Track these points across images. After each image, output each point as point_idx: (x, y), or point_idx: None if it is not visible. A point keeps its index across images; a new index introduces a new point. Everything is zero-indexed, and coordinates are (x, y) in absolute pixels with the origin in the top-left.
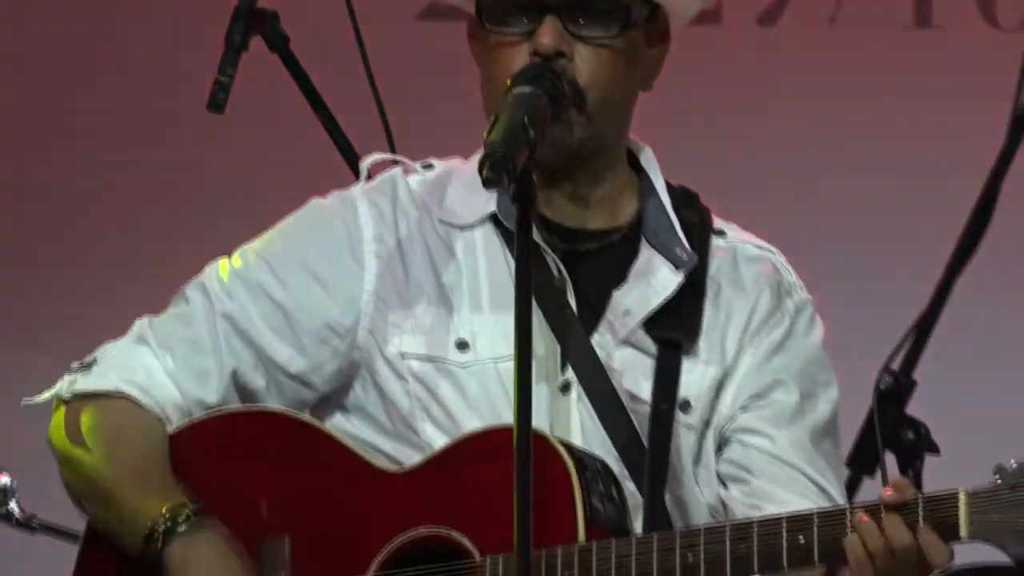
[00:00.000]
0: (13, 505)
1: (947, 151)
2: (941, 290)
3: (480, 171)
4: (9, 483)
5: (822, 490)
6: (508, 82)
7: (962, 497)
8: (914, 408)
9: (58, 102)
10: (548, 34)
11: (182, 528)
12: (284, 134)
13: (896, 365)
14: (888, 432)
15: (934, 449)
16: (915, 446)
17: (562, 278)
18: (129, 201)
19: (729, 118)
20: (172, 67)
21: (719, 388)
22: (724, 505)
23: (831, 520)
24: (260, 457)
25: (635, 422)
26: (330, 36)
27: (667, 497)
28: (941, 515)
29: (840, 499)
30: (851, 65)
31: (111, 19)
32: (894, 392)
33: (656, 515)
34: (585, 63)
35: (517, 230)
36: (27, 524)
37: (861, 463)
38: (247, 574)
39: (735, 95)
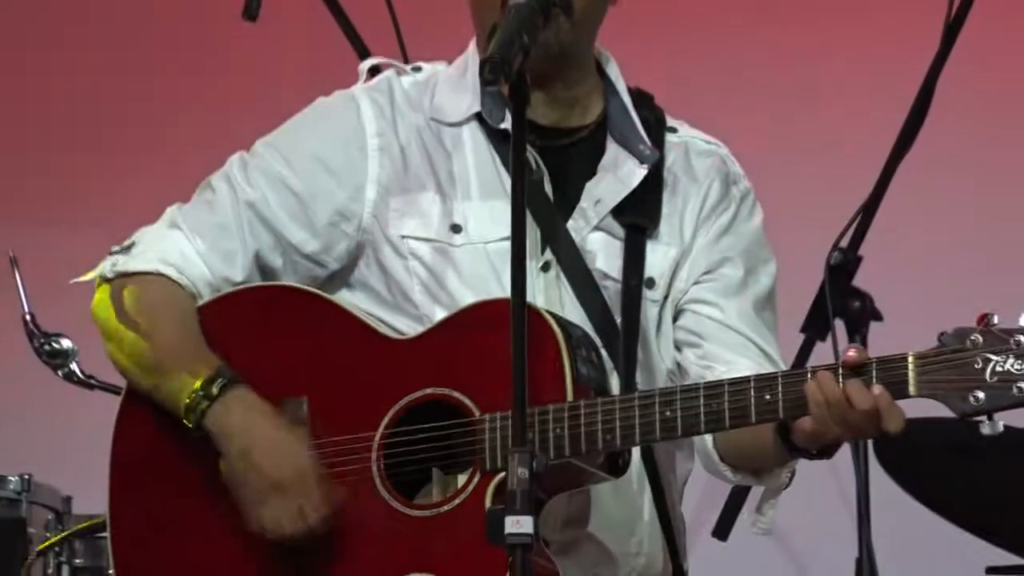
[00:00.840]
0: (74, 366)
1: (888, 59)
2: (884, 177)
3: (481, 73)
4: (71, 346)
5: (764, 352)
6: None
7: (911, 359)
8: (860, 280)
9: None
10: None
11: (216, 395)
12: (300, 38)
13: (844, 242)
14: (838, 302)
15: (878, 317)
16: (861, 314)
17: (540, 171)
18: (158, 99)
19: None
20: None
21: (676, 266)
22: (679, 367)
23: (794, 379)
24: (280, 326)
25: (606, 297)
26: None
27: (637, 367)
28: (892, 375)
29: (779, 360)
30: None
31: None
32: (843, 266)
33: (630, 378)
34: None
35: (513, 125)
36: (86, 382)
37: (814, 329)
38: (277, 424)
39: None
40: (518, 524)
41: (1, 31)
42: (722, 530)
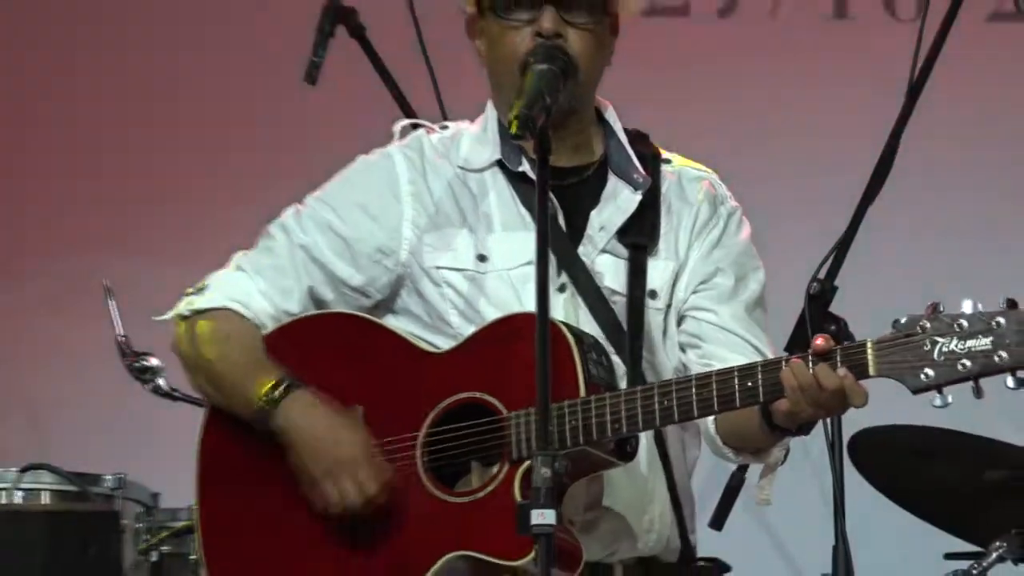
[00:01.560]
0: (160, 381)
1: (857, 115)
2: (855, 220)
3: (510, 128)
4: (158, 363)
5: (756, 348)
6: (525, 59)
7: (869, 345)
8: (835, 307)
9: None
10: (549, 20)
11: (280, 398)
12: (355, 103)
13: (822, 274)
14: (816, 325)
15: (850, 338)
16: (836, 335)
17: (553, 205)
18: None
19: (696, 91)
20: (277, 53)
21: (676, 278)
22: (684, 366)
23: (771, 367)
24: (334, 347)
25: (615, 311)
26: (389, 27)
27: (644, 363)
28: (854, 359)
29: (770, 354)
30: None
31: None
32: (821, 295)
33: (636, 377)
34: (575, 42)
35: (538, 170)
36: (170, 395)
37: (796, 348)
38: (335, 418)
39: (701, 73)
40: (542, 516)
41: (113, 84)
42: (718, 522)
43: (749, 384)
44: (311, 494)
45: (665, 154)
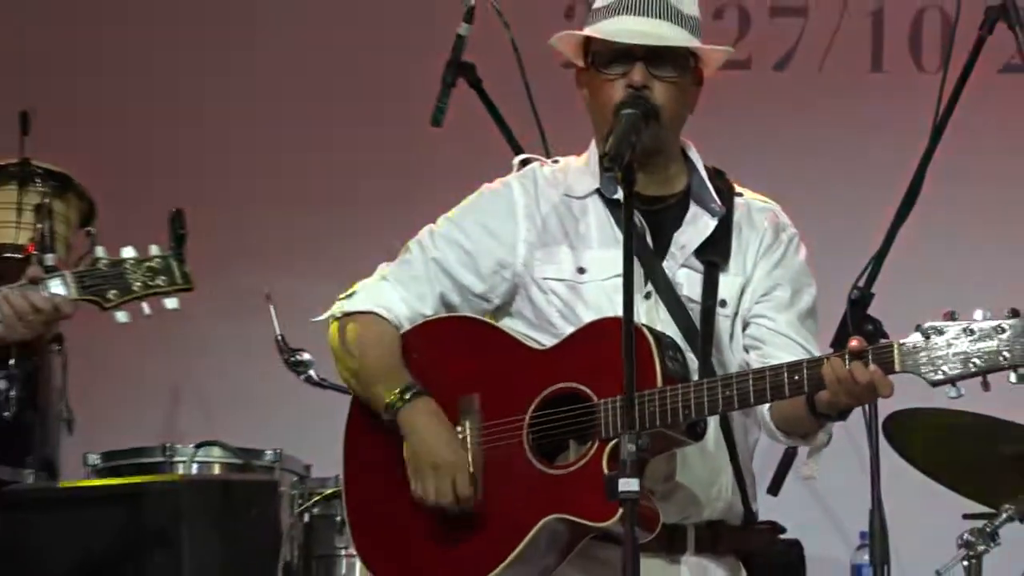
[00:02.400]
0: (312, 372)
1: (890, 153)
2: (889, 235)
3: (601, 163)
4: (310, 358)
5: (806, 350)
6: (617, 106)
7: (895, 346)
8: (872, 310)
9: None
10: (638, 74)
11: (406, 401)
12: (474, 142)
13: (861, 283)
14: (856, 324)
15: (884, 335)
16: (873, 334)
17: (642, 227)
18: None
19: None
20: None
21: (742, 291)
22: (747, 364)
23: (815, 364)
24: (459, 343)
25: (691, 316)
26: (501, 79)
27: (713, 361)
28: (883, 357)
29: (817, 354)
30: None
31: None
32: (860, 300)
33: (706, 371)
34: (660, 93)
35: (624, 199)
36: (320, 384)
37: (838, 346)
38: (447, 427)
39: (760, 116)
40: (628, 485)
41: (276, 115)
42: (775, 488)
43: (796, 378)
44: (413, 483)
45: (738, 188)
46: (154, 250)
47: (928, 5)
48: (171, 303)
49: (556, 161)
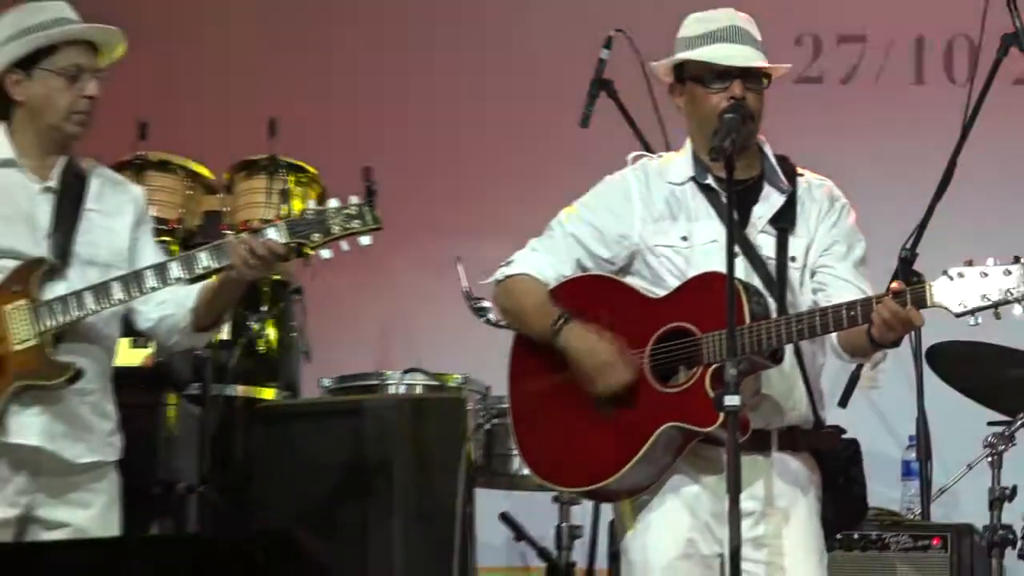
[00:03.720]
0: (491, 316)
1: (928, 145)
2: (930, 209)
3: (710, 154)
4: (488, 305)
5: (861, 290)
6: (722, 112)
7: (927, 285)
8: (917, 265)
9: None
10: (739, 89)
11: (562, 326)
12: (604, 138)
13: (908, 245)
14: (905, 277)
15: (925, 282)
16: (917, 283)
17: (733, 202)
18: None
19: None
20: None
21: (808, 249)
22: (815, 303)
23: (866, 303)
24: (593, 294)
25: (769, 269)
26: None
27: (787, 303)
28: (918, 295)
29: (870, 293)
30: (883, 106)
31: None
32: (908, 259)
33: (782, 311)
34: (752, 101)
35: (727, 182)
36: (496, 324)
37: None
38: (599, 335)
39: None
40: (732, 399)
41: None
42: (844, 401)
43: (852, 313)
44: (586, 385)
45: (800, 170)
46: (352, 200)
47: (957, 34)
48: (364, 240)
49: (660, 156)
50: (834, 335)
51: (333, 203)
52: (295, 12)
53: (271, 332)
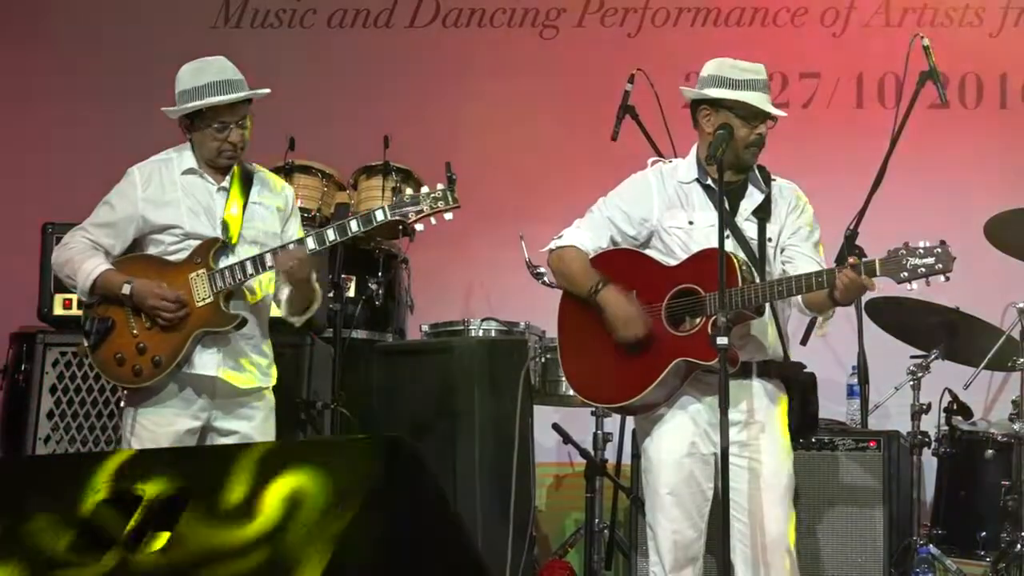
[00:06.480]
0: (546, 279)
1: (868, 152)
2: (868, 198)
3: (708, 161)
4: (545, 270)
5: (819, 264)
6: (750, 143)
7: (876, 261)
8: (858, 241)
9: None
10: (764, 128)
11: (602, 287)
12: (628, 147)
13: (852, 225)
14: (848, 250)
15: (865, 256)
16: (860, 256)
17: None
18: (573, 168)
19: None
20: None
21: (780, 232)
22: (784, 273)
23: (831, 272)
24: (622, 261)
25: (751, 247)
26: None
27: (766, 272)
28: (868, 267)
29: (826, 266)
30: (835, 128)
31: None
32: (851, 236)
33: (762, 277)
34: (765, 134)
35: (719, 183)
36: (550, 285)
37: (839, 263)
38: (628, 298)
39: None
40: (722, 340)
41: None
42: (804, 340)
43: (819, 279)
44: (614, 333)
45: (773, 176)
46: (438, 186)
47: (888, 72)
48: (447, 216)
49: (670, 161)
50: (800, 296)
51: (424, 189)
52: (398, 50)
53: (384, 291)
